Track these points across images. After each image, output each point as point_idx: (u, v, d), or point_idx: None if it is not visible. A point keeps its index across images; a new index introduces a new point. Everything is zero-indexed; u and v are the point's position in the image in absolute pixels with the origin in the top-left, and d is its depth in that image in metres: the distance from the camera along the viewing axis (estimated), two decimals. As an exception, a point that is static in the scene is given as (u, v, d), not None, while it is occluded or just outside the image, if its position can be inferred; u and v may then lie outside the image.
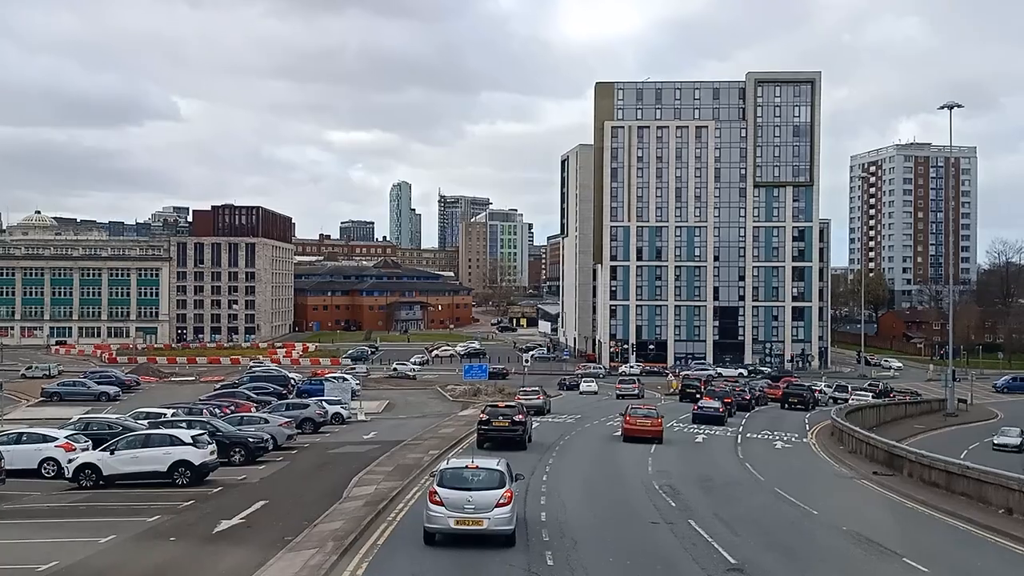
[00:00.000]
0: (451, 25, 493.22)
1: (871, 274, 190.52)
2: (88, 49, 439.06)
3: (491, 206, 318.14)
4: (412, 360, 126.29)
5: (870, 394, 76.42)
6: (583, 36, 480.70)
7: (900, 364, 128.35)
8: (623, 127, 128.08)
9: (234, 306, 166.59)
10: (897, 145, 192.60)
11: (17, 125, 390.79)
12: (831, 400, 78.64)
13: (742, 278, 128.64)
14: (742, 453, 41.40)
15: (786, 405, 70.02)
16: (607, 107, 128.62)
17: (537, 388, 64.35)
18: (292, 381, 73.45)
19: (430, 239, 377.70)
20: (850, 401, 72.68)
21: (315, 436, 45.54)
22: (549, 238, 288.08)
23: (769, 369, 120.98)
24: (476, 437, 37.15)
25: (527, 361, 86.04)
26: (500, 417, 37.24)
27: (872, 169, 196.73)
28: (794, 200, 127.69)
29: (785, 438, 49.25)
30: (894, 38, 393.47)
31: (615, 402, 71.98)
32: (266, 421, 40.45)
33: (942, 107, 69.93)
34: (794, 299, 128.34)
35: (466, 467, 20.46)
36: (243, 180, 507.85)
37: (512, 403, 44.28)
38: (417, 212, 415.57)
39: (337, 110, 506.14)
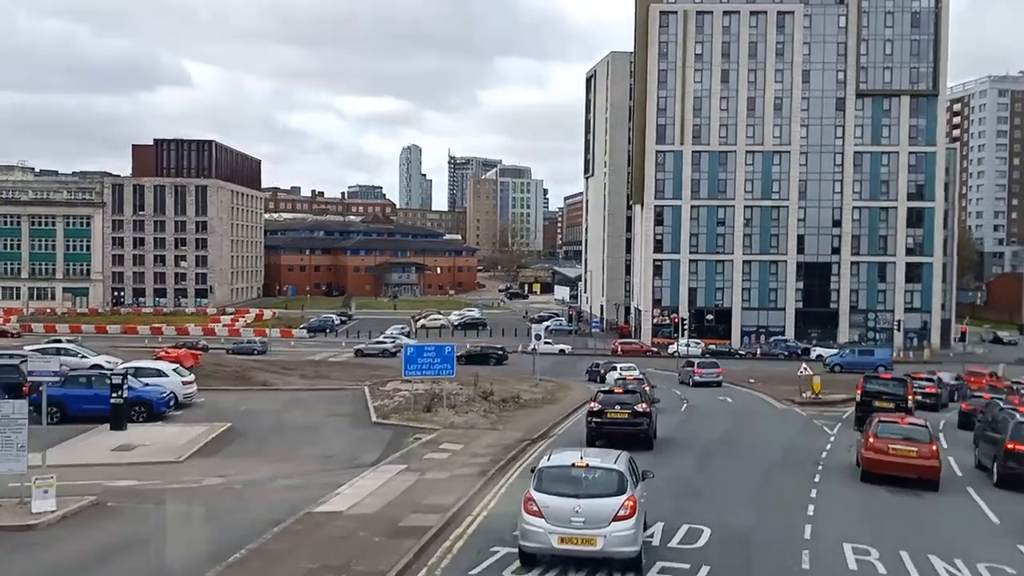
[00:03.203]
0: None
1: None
2: (98, 13, 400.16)
3: (502, 162, 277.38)
4: (390, 331, 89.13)
5: None
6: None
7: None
8: (676, 12, 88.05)
9: (182, 263, 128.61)
10: (991, 78, 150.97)
11: (29, 91, 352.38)
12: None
13: (837, 223, 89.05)
14: None
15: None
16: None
17: (642, 374, 45.04)
18: (58, 371, 34.68)
19: (441, 206, 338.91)
20: None
21: None
22: (566, 198, 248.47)
23: (882, 350, 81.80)
24: (586, 432, 26.20)
25: (538, 337, 47.81)
26: (617, 407, 26.20)
27: (957, 108, 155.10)
28: (912, 116, 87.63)
29: None
30: None
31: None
32: None
33: None
34: (908, 252, 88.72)
35: (573, 465, 14.03)
36: (255, 148, 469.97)
37: (633, 388, 29.43)
38: (428, 178, 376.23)
39: (350, 76, 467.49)
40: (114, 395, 27.59)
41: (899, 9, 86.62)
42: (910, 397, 32.66)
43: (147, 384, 30.68)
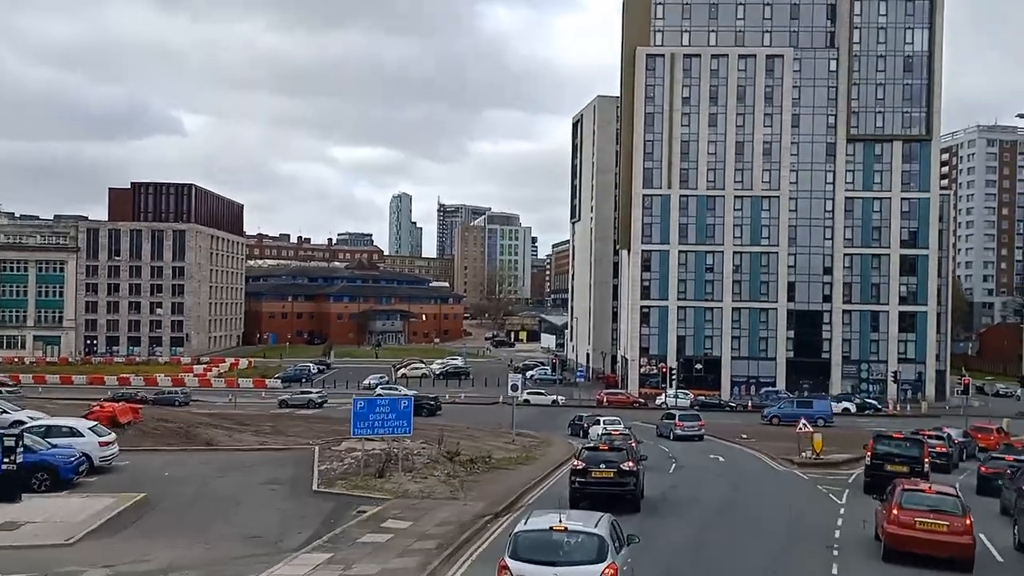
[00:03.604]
0: (453, 42, 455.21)
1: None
2: (91, 62, 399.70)
3: (491, 210, 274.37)
4: (369, 381, 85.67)
5: None
6: (585, 53, 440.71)
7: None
8: (663, 55, 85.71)
9: (158, 310, 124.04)
10: (979, 128, 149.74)
11: (21, 139, 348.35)
12: None
13: (828, 270, 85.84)
14: None
15: None
16: (641, 28, 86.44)
17: (628, 428, 41.67)
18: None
19: (431, 253, 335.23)
20: None
21: None
22: (554, 246, 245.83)
23: (878, 403, 78.11)
24: (569, 492, 23.97)
25: (515, 387, 43.70)
26: (602, 465, 24.26)
27: (945, 157, 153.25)
28: (905, 161, 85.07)
29: None
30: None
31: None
32: None
33: None
34: (902, 301, 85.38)
35: (551, 529, 13.03)
36: (247, 196, 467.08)
37: (619, 444, 26.88)
38: (418, 226, 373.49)
39: (341, 126, 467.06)
40: (6, 460, 23.33)
41: (891, 53, 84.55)
42: (926, 460, 28.74)
43: (55, 445, 26.44)
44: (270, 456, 32.33)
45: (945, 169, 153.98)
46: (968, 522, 18.92)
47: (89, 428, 28.28)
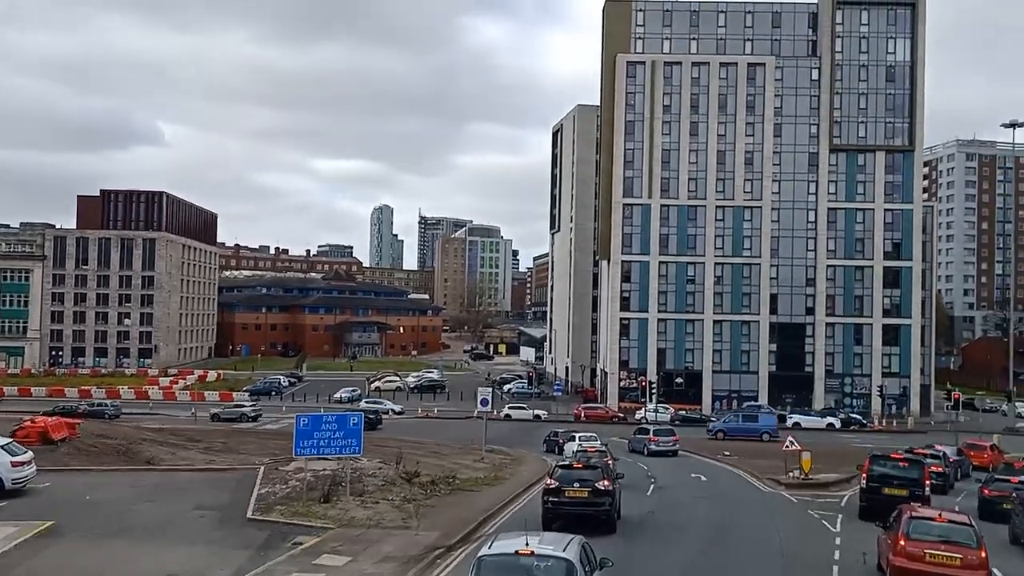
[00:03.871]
0: (438, 56, 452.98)
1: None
2: (71, 73, 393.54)
3: (472, 223, 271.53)
4: (340, 394, 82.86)
5: None
6: (570, 65, 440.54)
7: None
8: (643, 63, 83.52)
9: (126, 320, 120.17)
10: (958, 142, 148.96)
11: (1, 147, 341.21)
12: None
13: (811, 282, 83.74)
14: None
15: None
16: (621, 35, 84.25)
17: (604, 445, 38.81)
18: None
19: (412, 266, 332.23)
20: None
21: None
22: (535, 259, 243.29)
23: (863, 418, 75.90)
24: (542, 513, 22.34)
25: (485, 403, 40.90)
26: (576, 484, 22.88)
27: (926, 171, 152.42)
28: (888, 171, 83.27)
29: None
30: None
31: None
32: None
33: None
34: (886, 313, 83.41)
35: (517, 553, 12.24)
36: (228, 208, 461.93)
37: (595, 462, 25.01)
38: (400, 238, 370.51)
39: (324, 138, 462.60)
40: None
41: (873, 63, 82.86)
42: (927, 483, 26.27)
43: (-42, 466, 23.46)
44: (211, 477, 29.34)
45: (925, 183, 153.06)
46: (983, 554, 16.98)
47: (0, 447, 25.24)
